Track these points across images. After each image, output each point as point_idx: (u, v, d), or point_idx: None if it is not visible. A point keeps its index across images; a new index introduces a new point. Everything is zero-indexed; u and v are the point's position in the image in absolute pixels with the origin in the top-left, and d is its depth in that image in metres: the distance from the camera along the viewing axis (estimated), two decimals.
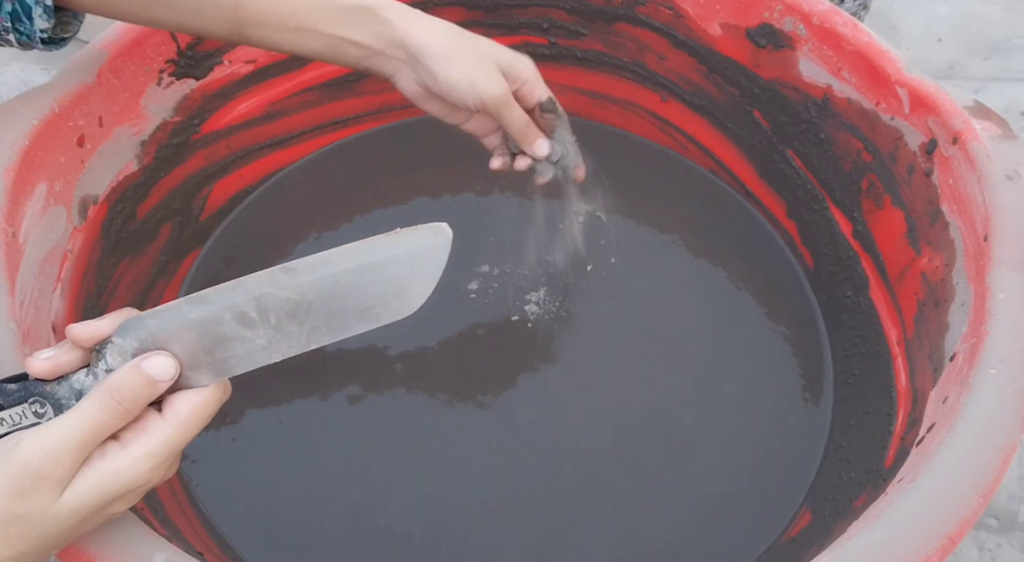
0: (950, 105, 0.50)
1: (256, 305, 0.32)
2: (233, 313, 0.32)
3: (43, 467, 0.29)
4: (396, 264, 0.33)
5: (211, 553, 0.51)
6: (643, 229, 0.69)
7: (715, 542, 0.54)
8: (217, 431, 0.58)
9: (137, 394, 0.31)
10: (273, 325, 0.33)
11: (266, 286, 0.32)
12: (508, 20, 0.69)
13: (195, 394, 0.33)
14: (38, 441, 0.29)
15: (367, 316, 0.34)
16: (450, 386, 0.60)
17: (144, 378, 0.31)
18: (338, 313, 0.33)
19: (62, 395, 0.32)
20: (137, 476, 0.31)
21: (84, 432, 0.30)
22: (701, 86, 0.68)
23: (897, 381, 0.53)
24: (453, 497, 0.55)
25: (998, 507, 0.70)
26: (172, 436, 0.32)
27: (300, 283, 0.33)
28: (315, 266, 0.33)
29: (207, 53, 0.61)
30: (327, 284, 0.33)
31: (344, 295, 0.33)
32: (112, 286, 0.58)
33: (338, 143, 0.75)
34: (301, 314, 0.33)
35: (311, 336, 0.34)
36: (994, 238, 0.44)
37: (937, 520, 0.34)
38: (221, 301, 0.32)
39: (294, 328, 0.33)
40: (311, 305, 0.33)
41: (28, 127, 0.47)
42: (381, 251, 0.33)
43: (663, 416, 0.59)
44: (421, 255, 0.33)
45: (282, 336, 0.33)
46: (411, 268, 0.33)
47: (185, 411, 0.32)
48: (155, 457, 0.31)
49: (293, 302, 0.33)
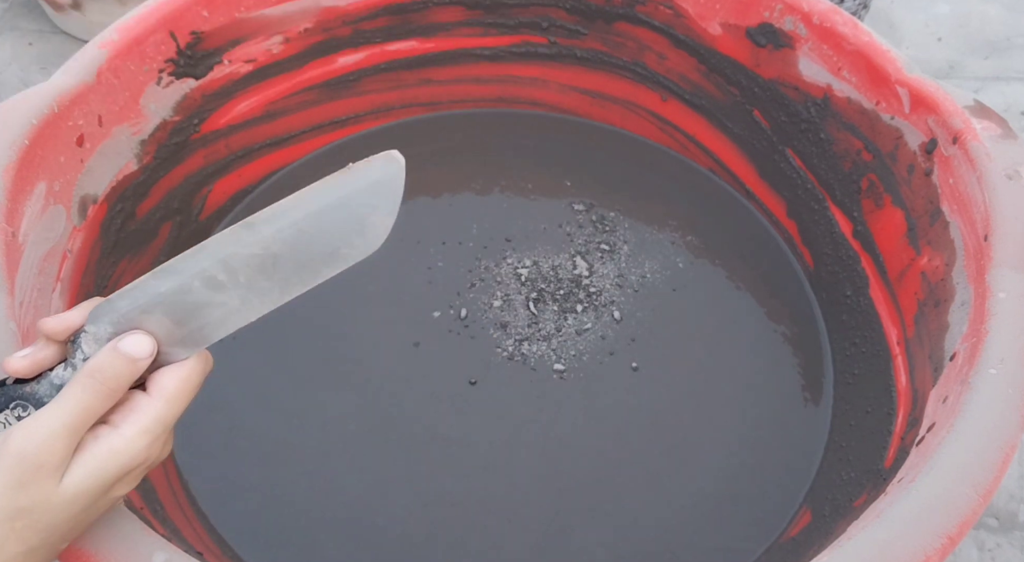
0: (950, 105, 0.50)
1: (224, 267, 0.32)
2: (202, 279, 0.32)
3: (38, 456, 0.29)
4: (354, 200, 0.33)
5: (210, 553, 0.51)
6: (643, 229, 0.69)
7: (715, 542, 0.54)
8: (217, 431, 0.58)
9: (119, 374, 0.31)
10: (244, 284, 0.33)
11: (230, 246, 0.32)
12: (508, 19, 0.69)
13: (178, 368, 0.33)
14: (27, 431, 0.29)
15: (335, 258, 0.33)
16: (450, 386, 0.60)
17: (123, 358, 0.31)
18: (306, 260, 0.33)
19: (43, 393, 0.32)
20: (134, 455, 0.31)
21: (72, 416, 0.30)
22: (701, 86, 0.67)
23: (897, 381, 0.53)
24: (453, 497, 0.55)
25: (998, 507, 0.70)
26: (162, 411, 0.32)
27: (263, 237, 0.32)
28: (275, 217, 0.32)
29: (207, 52, 0.61)
30: (290, 233, 0.32)
31: (309, 241, 0.33)
32: (112, 286, 0.58)
33: (338, 143, 0.75)
34: (269, 268, 0.33)
35: (284, 289, 0.33)
36: (994, 238, 0.44)
37: (937, 520, 0.34)
38: (187, 269, 0.32)
39: (265, 283, 0.33)
40: (277, 257, 0.33)
41: (28, 127, 0.47)
42: (337, 190, 0.33)
43: (663, 416, 0.59)
44: (377, 187, 0.33)
45: (254, 294, 0.33)
46: (369, 203, 0.33)
47: (170, 386, 0.32)
48: (149, 434, 0.32)
49: (259, 257, 0.32)
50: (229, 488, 0.56)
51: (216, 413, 0.59)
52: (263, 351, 0.62)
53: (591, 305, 0.64)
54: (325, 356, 0.62)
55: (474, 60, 0.73)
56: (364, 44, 0.69)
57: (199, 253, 0.32)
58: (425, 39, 0.70)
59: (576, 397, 0.60)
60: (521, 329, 0.63)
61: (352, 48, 0.69)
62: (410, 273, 0.66)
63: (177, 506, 0.53)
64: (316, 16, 0.65)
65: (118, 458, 0.31)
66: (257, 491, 0.56)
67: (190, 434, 0.57)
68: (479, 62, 0.73)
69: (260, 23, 0.62)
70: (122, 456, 0.31)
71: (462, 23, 0.69)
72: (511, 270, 0.66)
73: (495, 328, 0.63)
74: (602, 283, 0.65)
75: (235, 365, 0.61)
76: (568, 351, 0.62)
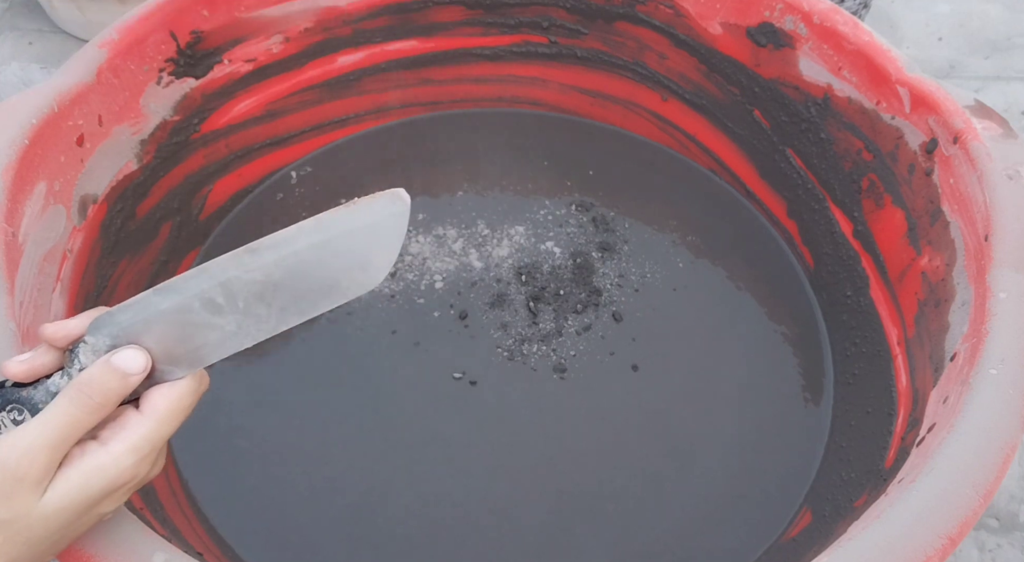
0: (951, 104, 0.50)
1: (223, 290, 0.32)
2: (201, 300, 0.32)
3: (18, 468, 0.29)
4: (357, 236, 0.33)
5: (210, 553, 0.51)
6: (643, 229, 0.69)
7: (715, 542, 0.54)
8: (217, 431, 0.58)
9: (108, 389, 0.31)
10: (241, 310, 0.33)
11: (231, 270, 0.32)
12: (508, 19, 0.69)
13: (170, 387, 0.33)
14: (10, 442, 0.29)
15: (333, 292, 0.34)
16: (450, 386, 0.60)
17: (114, 372, 0.31)
18: (304, 291, 0.33)
19: (39, 399, 0.32)
20: (120, 472, 0.31)
21: (57, 429, 0.30)
22: (701, 85, 0.67)
23: (897, 381, 0.53)
24: (453, 497, 0.55)
25: (998, 507, 0.70)
26: (151, 430, 0.31)
27: (265, 263, 0.32)
28: (278, 244, 0.32)
29: (207, 52, 0.61)
30: (292, 262, 0.32)
31: (309, 272, 0.33)
32: (112, 285, 0.58)
33: (338, 143, 0.75)
34: (268, 295, 0.33)
35: (280, 318, 0.33)
36: (995, 238, 0.44)
37: (937, 520, 0.34)
38: (189, 289, 0.32)
39: (262, 311, 0.33)
40: (277, 285, 0.33)
41: (28, 126, 0.47)
42: (341, 224, 0.33)
43: (663, 416, 0.59)
44: (381, 224, 0.33)
45: (251, 320, 0.33)
46: (372, 239, 0.33)
47: (162, 405, 0.32)
48: (136, 452, 0.31)
49: (259, 284, 0.32)
50: (229, 488, 0.56)
51: (216, 413, 0.59)
52: (263, 351, 0.62)
53: (591, 305, 0.64)
54: (325, 356, 0.62)
55: (474, 60, 0.73)
56: (364, 44, 0.69)
57: (201, 274, 0.32)
58: (425, 39, 0.70)
59: (576, 397, 0.60)
60: (521, 329, 0.63)
61: (352, 48, 0.69)
62: (410, 273, 0.66)
63: (177, 506, 0.53)
64: (316, 16, 0.65)
65: (104, 475, 0.30)
66: (257, 491, 0.56)
67: (190, 435, 0.57)
68: (479, 62, 0.73)
69: (260, 23, 0.62)
70: (108, 473, 0.30)
71: (462, 23, 0.69)
72: (511, 270, 0.66)
73: (495, 328, 0.63)
74: (602, 283, 0.65)
75: (235, 365, 0.61)
76: (568, 351, 0.62)
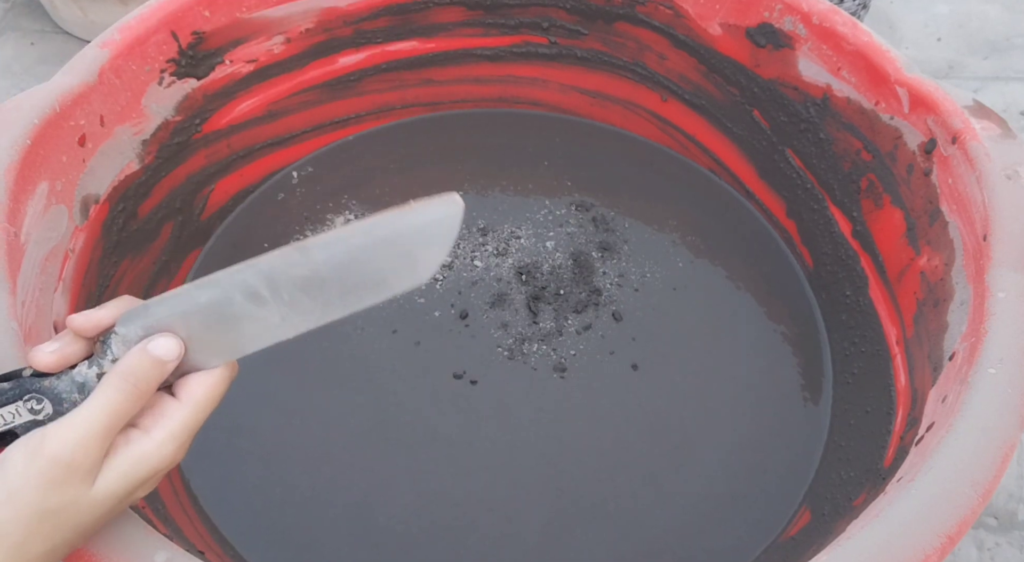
0: (950, 104, 0.50)
1: (268, 283, 0.32)
2: (244, 292, 0.32)
3: (74, 458, 0.29)
4: (410, 236, 0.33)
5: (212, 552, 0.51)
6: (643, 229, 0.69)
7: (715, 542, 0.54)
8: (218, 430, 0.58)
9: (149, 376, 0.32)
10: (286, 301, 0.33)
11: (278, 264, 0.32)
12: (508, 20, 0.69)
13: (207, 375, 0.33)
14: (64, 433, 0.30)
15: (381, 287, 0.34)
16: (450, 386, 0.60)
17: (152, 359, 0.32)
18: (352, 286, 0.33)
19: (63, 390, 0.32)
20: (162, 459, 0.32)
21: (107, 419, 0.30)
22: (701, 86, 0.68)
23: (896, 380, 0.53)
24: (453, 497, 0.55)
25: (997, 506, 0.70)
26: (190, 417, 0.32)
27: (314, 260, 0.32)
28: (329, 244, 0.32)
29: (208, 52, 0.61)
30: (342, 260, 0.33)
31: (358, 269, 0.33)
32: (113, 285, 0.58)
33: (339, 143, 0.75)
34: (315, 288, 0.33)
35: (325, 310, 0.33)
36: (993, 238, 0.44)
37: (936, 519, 0.34)
38: (230, 282, 0.32)
39: (307, 303, 0.33)
40: (325, 280, 0.33)
41: (29, 126, 0.47)
42: (395, 224, 0.33)
43: (663, 416, 0.59)
44: (434, 225, 0.33)
45: (296, 312, 0.33)
46: (425, 239, 0.33)
47: (199, 392, 0.33)
48: (177, 439, 0.32)
49: (306, 278, 0.33)
50: (230, 487, 0.56)
51: (217, 413, 0.58)
52: (264, 351, 0.62)
53: (591, 305, 0.64)
54: (326, 356, 0.62)
55: (475, 60, 0.73)
56: (365, 44, 0.69)
57: (246, 268, 0.32)
58: (426, 39, 0.70)
59: (576, 397, 0.60)
60: (521, 329, 0.63)
61: (353, 48, 0.69)
62: None
63: (179, 505, 0.53)
64: (317, 16, 0.65)
65: (148, 462, 0.31)
66: (258, 490, 0.56)
67: None
68: (480, 62, 0.73)
69: (261, 23, 0.63)
70: (151, 460, 0.31)
71: (463, 23, 0.70)
72: (511, 269, 0.66)
73: (495, 327, 0.63)
74: (602, 283, 0.65)
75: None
76: (568, 351, 0.62)
